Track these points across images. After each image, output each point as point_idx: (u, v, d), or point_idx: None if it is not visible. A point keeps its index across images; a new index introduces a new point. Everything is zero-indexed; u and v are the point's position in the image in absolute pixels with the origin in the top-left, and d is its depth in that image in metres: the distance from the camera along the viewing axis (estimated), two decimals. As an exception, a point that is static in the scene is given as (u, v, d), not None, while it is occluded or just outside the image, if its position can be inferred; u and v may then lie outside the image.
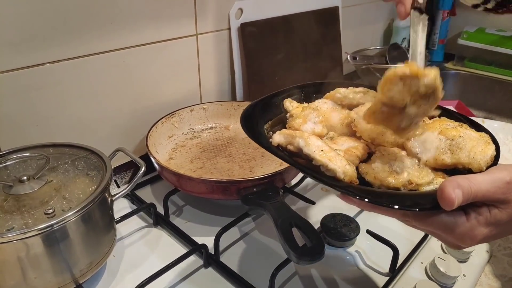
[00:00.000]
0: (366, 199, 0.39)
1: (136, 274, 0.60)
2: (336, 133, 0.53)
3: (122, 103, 0.77)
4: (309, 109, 0.54)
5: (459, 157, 0.43)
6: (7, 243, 0.46)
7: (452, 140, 0.45)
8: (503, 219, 0.37)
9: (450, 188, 0.35)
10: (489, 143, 0.44)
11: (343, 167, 0.42)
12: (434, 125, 0.48)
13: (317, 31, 1.10)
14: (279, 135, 0.49)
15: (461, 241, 0.39)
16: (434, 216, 0.38)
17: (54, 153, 0.60)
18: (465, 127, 0.47)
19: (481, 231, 0.38)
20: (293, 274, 0.60)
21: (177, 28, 0.81)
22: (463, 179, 0.36)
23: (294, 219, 0.52)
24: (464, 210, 0.38)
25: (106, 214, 0.57)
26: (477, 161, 0.42)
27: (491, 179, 0.37)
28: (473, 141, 0.44)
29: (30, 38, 0.61)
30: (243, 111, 0.52)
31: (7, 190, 0.51)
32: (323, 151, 0.44)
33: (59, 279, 0.51)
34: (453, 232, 0.38)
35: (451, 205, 0.35)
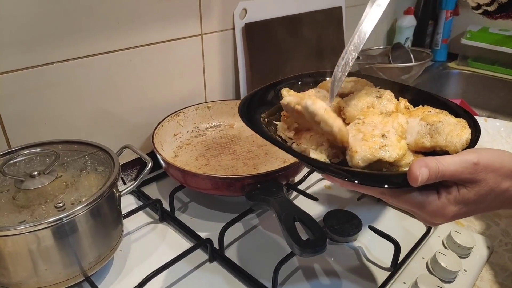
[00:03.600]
0: (345, 178, 0.42)
1: (142, 268, 0.61)
2: None
3: (128, 101, 0.79)
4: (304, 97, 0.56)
5: (437, 140, 0.46)
6: (19, 235, 0.47)
7: (432, 125, 0.47)
8: (470, 198, 0.40)
9: (416, 167, 0.38)
10: (465, 127, 0.46)
11: (339, 125, 0.45)
12: (417, 112, 0.51)
13: (321, 31, 1.11)
14: (290, 95, 0.51)
15: (433, 218, 0.42)
16: (408, 194, 0.41)
17: (63, 149, 0.61)
18: (445, 114, 0.50)
19: (451, 209, 0.40)
20: (296, 269, 0.61)
21: (182, 28, 0.82)
22: (431, 159, 0.39)
23: (297, 213, 0.53)
24: (436, 190, 0.41)
25: (114, 209, 0.58)
26: (453, 144, 0.44)
27: (460, 160, 0.39)
28: (451, 125, 0.46)
29: (40, 38, 0.63)
30: (241, 99, 0.55)
31: (19, 185, 0.53)
32: (326, 110, 0.46)
33: (68, 271, 0.52)
34: (425, 209, 0.41)
35: (415, 181, 0.38)
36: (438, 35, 1.53)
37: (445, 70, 1.50)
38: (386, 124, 0.48)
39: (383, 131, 0.47)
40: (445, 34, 1.52)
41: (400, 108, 0.53)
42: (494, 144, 0.95)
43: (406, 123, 0.49)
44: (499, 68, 1.41)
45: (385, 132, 0.47)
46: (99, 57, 0.71)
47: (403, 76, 1.27)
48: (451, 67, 1.50)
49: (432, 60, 1.54)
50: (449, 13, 1.49)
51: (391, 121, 0.48)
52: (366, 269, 0.61)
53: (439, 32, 1.53)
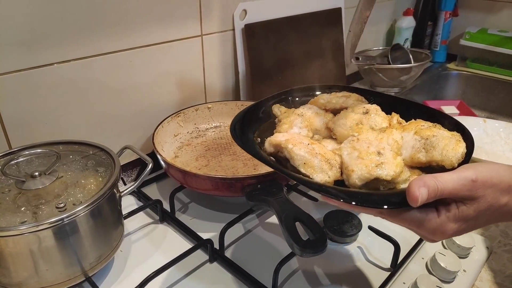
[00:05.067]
0: (341, 199, 0.42)
1: (143, 268, 0.61)
2: (321, 136, 0.56)
3: (129, 102, 0.79)
4: (294, 115, 0.57)
5: (433, 155, 0.46)
6: (20, 236, 0.47)
7: (426, 140, 0.47)
8: (470, 215, 0.40)
9: (416, 187, 0.38)
10: (460, 141, 0.46)
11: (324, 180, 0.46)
12: (410, 126, 0.51)
13: (320, 32, 1.12)
14: (269, 145, 0.51)
15: (432, 236, 0.42)
16: (406, 212, 0.41)
17: (64, 150, 0.62)
18: (439, 127, 0.50)
19: (450, 227, 0.40)
20: (296, 269, 0.61)
21: (182, 29, 0.82)
22: (430, 178, 0.39)
23: (297, 213, 0.53)
24: (435, 207, 0.41)
25: (115, 210, 0.58)
26: (449, 158, 0.45)
27: (458, 178, 0.39)
28: (445, 139, 0.46)
29: (41, 39, 0.63)
30: (232, 120, 0.55)
31: (20, 186, 0.53)
32: (306, 163, 0.47)
33: (69, 272, 0.52)
34: (424, 227, 0.41)
35: (415, 201, 0.38)
36: (437, 36, 1.54)
37: (444, 71, 1.50)
38: (381, 140, 0.48)
39: (379, 148, 0.47)
40: (444, 35, 1.53)
41: (392, 124, 0.53)
42: (494, 145, 0.96)
43: (401, 139, 0.49)
44: (498, 69, 1.41)
45: (381, 149, 0.47)
46: (99, 57, 0.71)
47: (402, 77, 1.27)
48: (450, 68, 1.51)
49: (431, 61, 1.55)
50: (448, 14, 1.49)
51: (386, 137, 0.49)
52: (366, 269, 0.61)
53: (438, 33, 1.53)
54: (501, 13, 1.49)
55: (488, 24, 1.48)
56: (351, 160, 0.46)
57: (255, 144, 0.53)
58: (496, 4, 1.48)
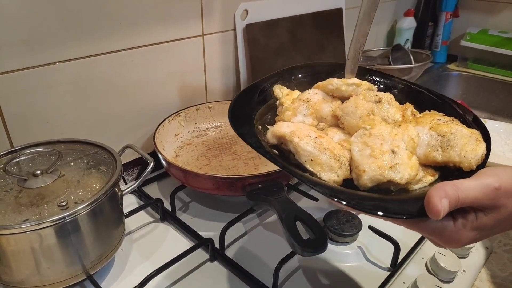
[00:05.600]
0: (356, 206, 0.38)
1: (143, 267, 0.61)
2: (327, 124, 0.52)
3: (130, 101, 0.79)
4: (299, 100, 0.52)
5: (450, 155, 0.42)
6: (22, 234, 0.47)
7: (443, 137, 0.44)
8: (489, 224, 0.38)
9: (437, 198, 0.35)
10: (480, 141, 0.43)
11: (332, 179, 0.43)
12: (425, 120, 0.47)
13: (321, 32, 1.12)
14: (272, 136, 0.47)
15: (447, 244, 0.39)
16: (423, 222, 0.38)
17: (66, 149, 0.62)
18: (456, 123, 0.46)
19: (467, 236, 0.38)
20: (296, 268, 0.61)
21: (184, 28, 0.83)
22: (451, 187, 0.36)
23: (298, 213, 0.53)
24: (452, 215, 0.38)
25: (116, 208, 0.58)
26: (468, 160, 0.41)
27: (480, 186, 0.36)
28: (464, 138, 0.43)
29: (42, 38, 0.63)
30: (230, 104, 0.50)
31: (22, 184, 0.53)
32: (313, 160, 0.43)
33: (70, 270, 0.53)
34: (440, 236, 0.38)
35: (437, 215, 0.35)
36: (438, 36, 1.54)
37: (444, 71, 1.50)
38: (395, 137, 0.44)
39: (393, 145, 0.42)
40: (444, 36, 1.53)
41: (406, 116, 0.49)
42: (494, 146, 0.96)
43: (417, 136, 0.45)
44: (499, 70, 1.41)
45: (395, 147, 0.42)
46: (101, 57, 0.71)
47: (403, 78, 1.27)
48: (450, 68, 1.51)
49: (431, 61, 1.55)
50: (449, 15, 1.49)
51: (401, 133, 0.44)
52: (366, 269, 0.62)
53: (439, 34, 1.53)
54: (502, 14, 1.49)
55: (489, 25, 1.48)
56: (363, 159, 0.42)
57: (256, 135, 0.48)
58: (497, 5, 1.48)
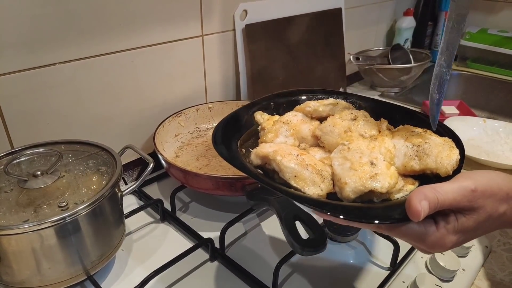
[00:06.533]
0: (341, 215, 0.40)
1: (144, 267, 0.62)
2: (308, 144, 0.54)
3: (130, 102, 0.79)
4: (280, 122, 0.55)
5: (427, 163, 0.44)
6: (23, 234, 0.48)
7: (418, 147, 0.46)
8: (470, 226, 0.39)
9: (417, 200, 0.36)
10: (453, 147, 0.45)
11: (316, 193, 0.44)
12: (399, 133, 0.50)
13: (320, 32, 1.12)
14: (255, 157, 0.49)
15: (431, 249, 0.40)
16: (404, 226, 0.39)
17: (66, 149, 0.62)
18: (429, 133, 0.48)
19: (450, 239, 0.39)
20: (296, 268, 0.61)
21: (183, 29, 0.83)
22: (429, 190, 0.37)
23: (297, 212, 0.53)
24: (433, 219, 0.39)
25: (116, 209, 0.59)
26: (444, 166, 0.43)
27: (457, 188, 0.38)
28: (438, 146, 0.45)
29: (42, 39, 0.64)
30: (213, 131, 0.52)
31: (22, 185, 0.53)
32: (296, 176, 0.45)
33: (71, 270, 0.53)
34: (424, 242, 0.39)
35: (418, 216, 0.36)
36: (438, 36, 1.54)
37: (444, 71, 1.50)
38: (373, 149, 0.46)
39: (371, 157, 0.45)
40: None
41: (382, 130, 0.51)
42: (493, 145, 0.96)
43: (394, 147, 0.47)
44: (498, 69, 1.42)
45: (373, 158, 0.45)
46: (101, 58, 0.72)
47: (402, 77, 1.28)
48: (450, 68, 1.51)
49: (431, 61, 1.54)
50: (449, 14, 1.49)
51: (378, 145, 0.47)
52: (366, 268, 0.62)
53: (439, 33, 1.54)
54: (501, 13, 1.49)
55: (488, 24, 1.48)
56: (344, 172, 0.44)
57: (240, 156, 0.50)
58: (496, 4, 1.48)
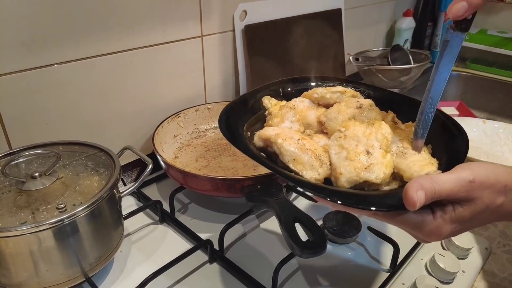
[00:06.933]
0: (339, 201, 0.40)
1: (142, 268, 0.61)
2: (313, 131, 0.54)
3: (129, 102, 0.79)
4: (286, 108, 0.55)
5: (399, 162, 0.45)
6: (20, 236, 0.47)
7: (404, 149, 0.47)
8: (466, 216, 0.39)
9: (413, 190, 0.37)
10: (432, 165, 0.44)
11: (314, 177, 0.45)
12: (401, 132, 0.50)
13: (320, 33, 1.12)
14: (258, 139, 0.49)
15: (428, 237, 0.41)
16: (402, 215, 0.40)
17: (64, 150, 0.62)
18: (426, 149, 0.48)
19: (446, 229, 0.40)
20: (295, 270, 0.61)
21: (183, 29, 0.83)
22: (426, 180, 0.38)
23: (297, 214, 0.53)
24: (431, 208, 0.40)
25: (115, 210, 0.58)
26: (411, 171, 0.43)
27: (455, 178, 0.38)
28: (419, 157, 0.45)
29: (41, 40, 0.63)
30: (221, 112, 0.52)
31: (20, 186, 0.53)
32: (295, 159, 0.45)
33: (69, 272, 0.53)
34: (421, 230, 0.40)
35: (414, 206, 0.37)
36: (437, 37, 1.54)
37: (443, 71, 1.50)
38: (369, 136, 0.46)
39: (367, 146, 0.45)
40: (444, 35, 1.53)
41: (386, 121, 0.51)
42: (493, 146, 0.96)
43: (390, 134, 0.47)
44: (498, 70, 1.42)
45: (369, 147, 0.45)
46: (100, 58, 0.71)
47: (402, 78, 1.28)
48: (449, 68, 1.51)
49: (431, 62, 1.54)
50: (448, 15, 1.49)
51: (375, 132, 0.47)
52: (365, 270, 0.61)
53: (438, 34, 1.53)
54: (500, 14, 1.49)
55: (488, 25, 1.48)
56: (340, 161, 0.45)
57: (245, 139, 0.51)
58: (496, 5, 1.48)
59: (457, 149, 0.47)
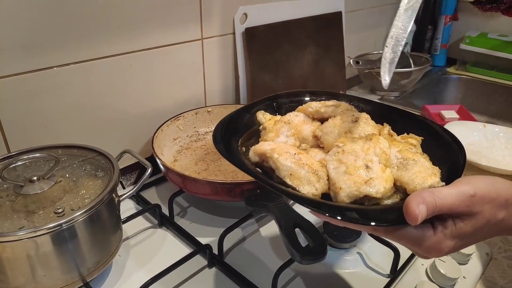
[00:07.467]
0: (338, 216, 0.40)
1: (141, 273, 0.61)
2: (308, 145, 0.54)
3: (128, 105, 0.79)
4: (281, 122, 0.55)
5: (401, 175, 0.44)
6: (18, 241, 0.47)
7: (404, 160, 0.46)
8: (467, 232, 0.39)
9: (415, 204, 0.36)
10: (435, 175, 0.44)
11: (311, 192, 0.44)
12: (398, 143, 0.49)
13: (320, 36, 1.12)
14: (253, 154, 0.49)
15: (428, 253, 0.40)
16: (402, 229, 0.39)
17: (63, 154, 0.61)
18: (425, 157, 0.47)
19: (447, 244, 0.39)
20: (295, 275, 0.61)
21: (183, 32, 0.82)
22: (428, 194, 0.37)
23: (297, 220, 0.53)
24: (431, 223, 0.39)
25: (113, 214, 0.58)
26: (414, 183, 0.43)
27: (456, 193, 0.38)
28: (421, 167, 0.44)
29: (40, 42, 0.63)
30: (214, 128, 0.52)
31: (18, 190, 0.53)
32: (292, 174, 0.45)
33: (67, 277, 0.52)
34: (421, 246, 0.39)
35: (415, 220, 0.36)
36: (437, 40, 1.54)
37: (444, 75, 1.50)
38: (368, 151, 0.46)
39: (366, 160, 0.44)
40: (444, 39, 1.53)
41: (383, 134, 0.51)
42: (493, 150, 0.96)
43: (389, 148, 0.47)
44: (498, 74, 1.41)
45: (368, 161, 0.44)
46: (99, 61, 0.71)
47: (402, 81, 1.27)
48: (450, 72, 1.51)
49: (431, 65, 1.55)
50: (448, 18, 1.49)
51: (373, 146, 0.46)
52: (366, 276, 0.61)
53: (438, 37, 1.53)
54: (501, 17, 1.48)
55: (488, 28, 1.48)
56: (339, 176, 0.44)
57: (240, 154, 0.50)
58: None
59: (454, 162, 0.46)
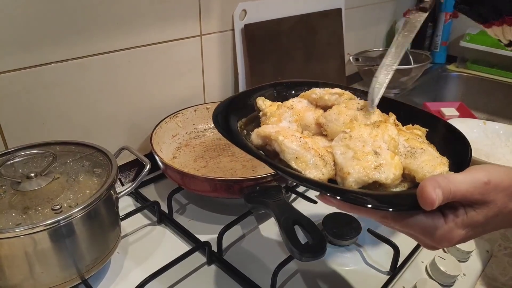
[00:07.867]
0: (349, 201, 0.38)
1: (140, 270, 0.61)
2: (311, 132, 0.52)
3: (127, 102, 0.78)
4: (284, 107, 0.53)
5: (410, 163, 0.43)
6: (15, 238, 0.47)
7: (412, 148, 0.45)
8: (479, 221, 0.37)
9: (431, 188, 0.34)
10: (444, 164, 0.43)
11: (317, 177, 0.43)
12: (404, 133, 0.48)
13: (320, 33, 1.11)
14: (256, 137, 0.47)
15: (438, 244, 0.39)
16: (412, 218, 0.37)
17: (61, 151, 0.61)
18: (432, 147, 0.46)
19: (458, 233, 0.37)
20: (294, 272, 0.60)
21: (181, 29, 0.82)
22: (442, 178, 0.35)
23: (296, 217, 0.52)
24: (441, 212, 0.37)
25: (112, 211, 0.58)
26: (423, 171, 0.42)
27: (470, 180, 0.36)
28: (430, 156, 0.44)
29: (38, 38, 0.62)
30: (214, 109, 0.51)
31: (15, 187, 0.52)
32: (298, 158, 0.43)
33: (65, 274, 0.52)
34: (431, 235, 0.37)
35: (432, 205, 0.34)
36: (437, 37, 1.53)
37: (444, 72, 1.50)
38: (376, 137, 0.44)
39: (375, 146, 0.43)
40: (444, 36, 1.53)
41: (389, 123, 0.49)
42: (493, 147, 0.95)
43: (397, 135, 0.46)
44: (498, 71, 1.41)
45: (377, 148, 0.43)
46: (97, 57, 0.71)
47: (402, 79, 1.27)
48: (450, 69, 1.50)
49: (431, 62, 1.54)
50: (448, 15, 1.49)
51: (381, 133, 0.45)
52: (365, 273, 0.61)
53: (438, 35, 1.53)
54: (501, 14, 1.48)
55: (488, 25, 1.47)
56: (346, 161, 0.42)
57: (241, 135, 0.49)
58: (497, 5, 1.47)
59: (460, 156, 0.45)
